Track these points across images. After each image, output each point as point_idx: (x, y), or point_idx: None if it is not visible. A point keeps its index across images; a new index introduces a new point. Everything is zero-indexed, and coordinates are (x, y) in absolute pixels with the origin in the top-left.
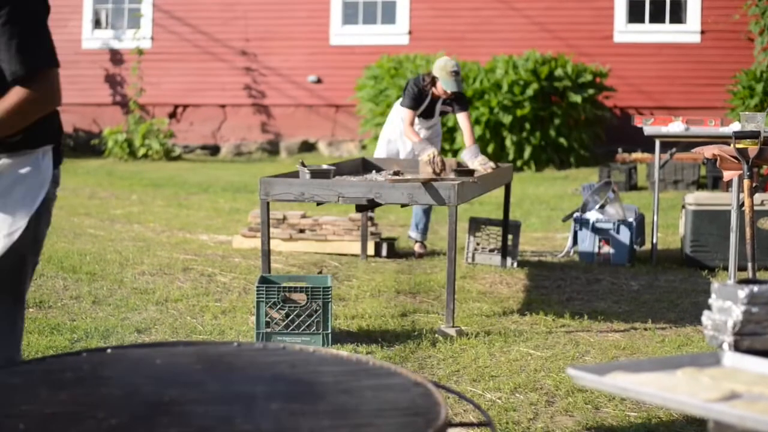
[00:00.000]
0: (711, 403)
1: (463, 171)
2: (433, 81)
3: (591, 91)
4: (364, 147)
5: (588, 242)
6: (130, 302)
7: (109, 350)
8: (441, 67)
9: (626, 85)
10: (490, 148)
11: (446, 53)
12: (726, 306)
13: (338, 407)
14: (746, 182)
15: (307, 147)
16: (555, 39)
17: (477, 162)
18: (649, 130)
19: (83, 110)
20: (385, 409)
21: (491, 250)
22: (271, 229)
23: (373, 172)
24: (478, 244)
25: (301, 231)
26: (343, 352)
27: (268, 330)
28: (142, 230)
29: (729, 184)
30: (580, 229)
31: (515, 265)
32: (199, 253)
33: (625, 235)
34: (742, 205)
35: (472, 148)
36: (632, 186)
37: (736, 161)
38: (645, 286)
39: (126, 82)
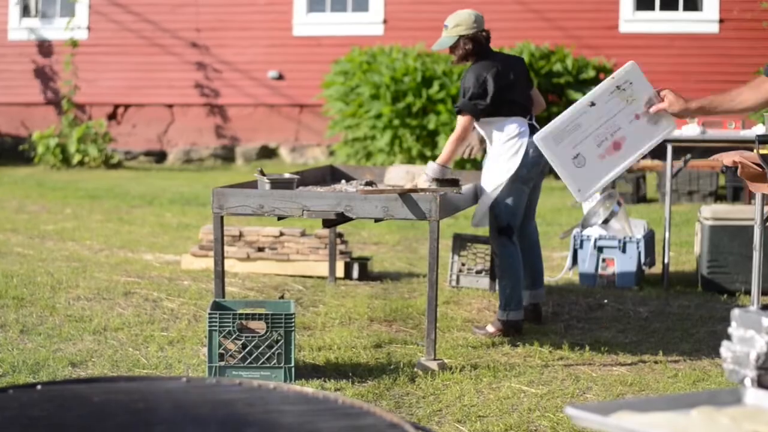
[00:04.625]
0: None
1: (445, 180)
2: None
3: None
4: (332, 153)
5: (589, 262)
6: (63, 331)
7: (39, 387)
8: None
9: None
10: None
11: (426, 45)
12: (748, 336)
13: None
14: None
15: (267, 153)
16: (553, 29)
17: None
18: None
19: (9, 110)
20: None
21: (478, 272)
22: (226, 248)
23: (343, 181)
24: (463, 264)
25: (260, 249)
26: (308, 388)
27: (222, 363)
28: (78, 249)
29: (752, 195)
30: (581, 247)
31: None
32: (143, 275)
33: (632, 254)
34: (767, 219)
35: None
36: (640, 198)
37: (760, 169)
38: (655, 313)
39: (59, 78)
